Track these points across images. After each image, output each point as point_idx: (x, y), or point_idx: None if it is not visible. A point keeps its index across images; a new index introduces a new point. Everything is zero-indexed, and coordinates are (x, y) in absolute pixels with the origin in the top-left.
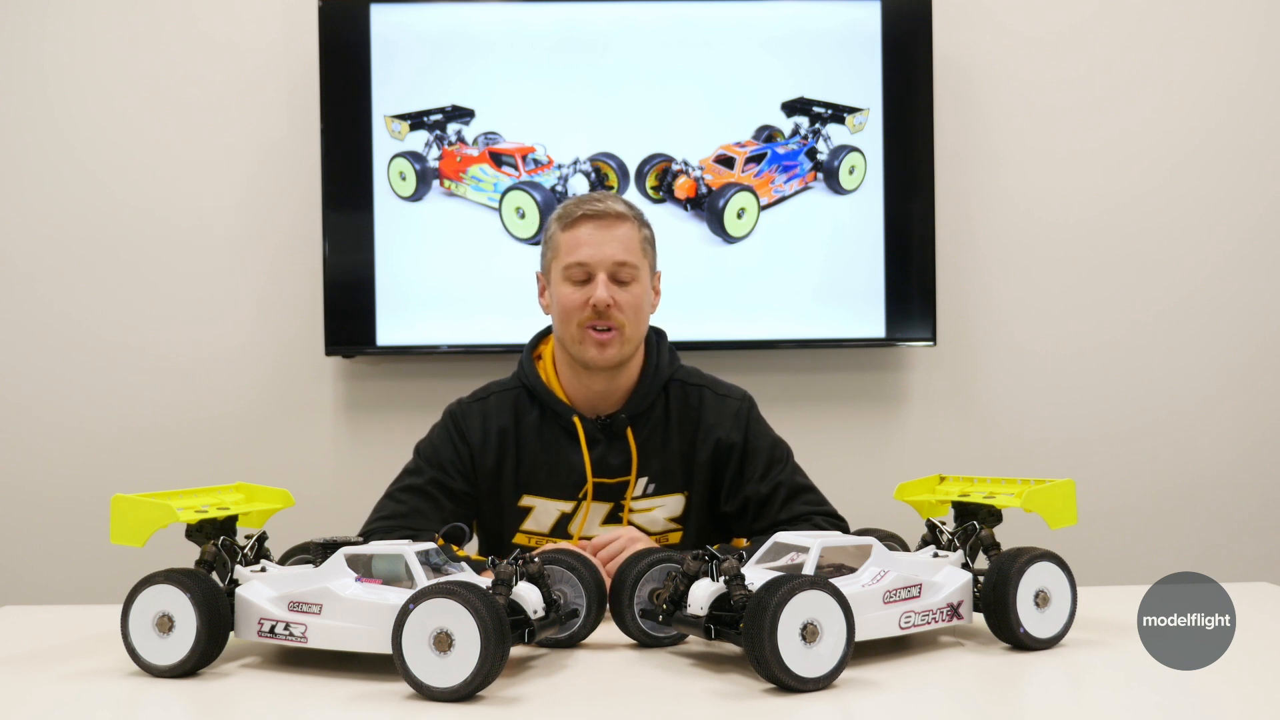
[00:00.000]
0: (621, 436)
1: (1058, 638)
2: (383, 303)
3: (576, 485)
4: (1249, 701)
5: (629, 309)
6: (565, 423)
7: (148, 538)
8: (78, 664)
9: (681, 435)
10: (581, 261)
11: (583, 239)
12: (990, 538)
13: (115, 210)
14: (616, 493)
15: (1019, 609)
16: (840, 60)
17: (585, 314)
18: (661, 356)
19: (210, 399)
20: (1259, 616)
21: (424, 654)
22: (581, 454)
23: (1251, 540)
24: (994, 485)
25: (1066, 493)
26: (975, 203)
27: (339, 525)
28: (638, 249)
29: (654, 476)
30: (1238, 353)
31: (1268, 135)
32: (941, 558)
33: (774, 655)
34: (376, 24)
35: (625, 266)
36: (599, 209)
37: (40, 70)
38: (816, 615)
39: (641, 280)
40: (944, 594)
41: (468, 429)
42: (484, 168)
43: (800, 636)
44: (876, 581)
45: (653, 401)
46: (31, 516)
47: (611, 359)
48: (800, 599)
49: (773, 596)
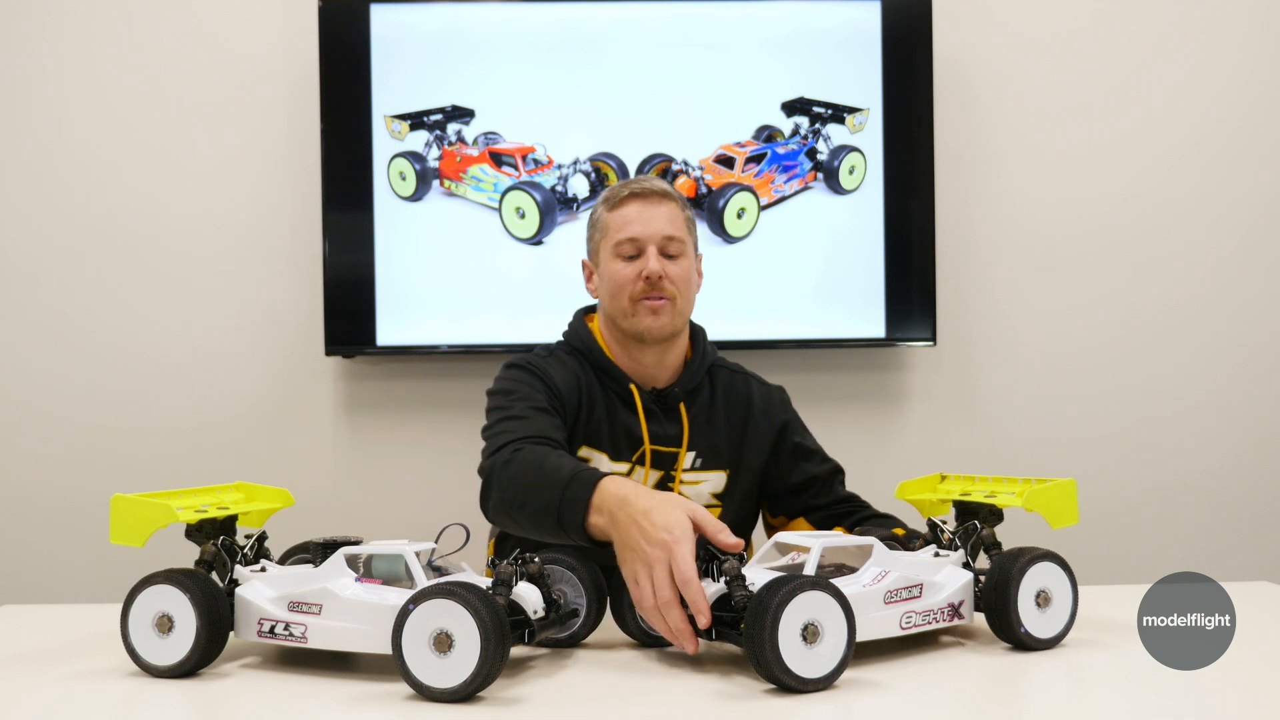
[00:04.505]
0: (673, 409)
1: (1059, 638)
2: (383, 303)
3: (632, 448)
4: (1249, 701)
5: (680, 281)
6: (621, 389)
7: (147, 538)
8: (77, 664)
9: (729, 417)
10: (632, 237)
11: (631, 216)
12: (991, 537)
13: (115, 210)
14: (668, 462)
15: (1020, 609)
16: (840, 60)
17: (638, 287)
18: (708, 343)
19: (210, 399)
20: (1259, 616)
21: (424, 654)
22: (638, 420)
23: (1251, 540)
24: (995, 484)
25: (1068, 492)
26: (975, 203)
27: (339, 525)
28: (683, 225)
29: (701, 451)
30: (1238, 352)
31: (1267, 135)
32: (942, 557)
33: (774, 656)
34: (376, 24)
35: (674, 241)
36: (645, 188)
37: (40, 71)
38: (817, 616)
39: (688, 255)
40: (945, 594)
41: (545, 373)
42: (484, 168)
43: (801, 637)
44: (877, 582)
45: (700, 382)
46: (31, 516)
47: (665, 328)
48: (801, 599)
49: (773, 597)
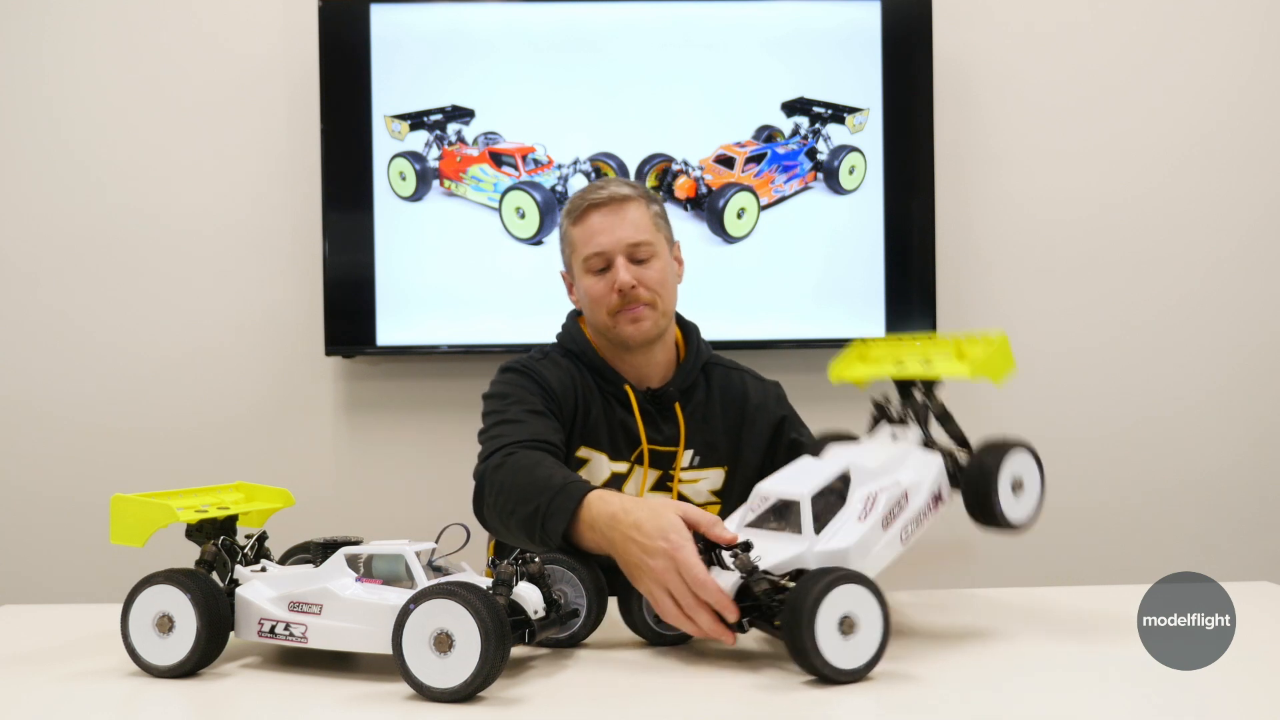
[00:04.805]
0: (669, 408)
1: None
2: (383, 303)
3: (630, 447)
4: (1249, 701)
5: (654, 284)
6: (616, 390)
7: (148, 538)
8: (77, 664)
9: (725, 414)
10: (598, 251)
11: (595, 228)
12: (942, 408)
13: (115, 210)
14: (666, 461)
15: (1000, 497)
16: (840, 60)
17: (613, 300)
18: (701, 341)
19: (210, 399)
20: (1259, 616)
21: (424, 654)
22: (634, 420)
23: (1251, 540)
24: (925, 347)
25: (1003, 348)
26: (975, 203)
27: (339, 525)
28: (650, 226)
29: (699, 449)
30: (1238, 351)
31: (1267, 135)
32: (902, 440)
33: (814, 648)
34: (376, 24)
35: (641, 246)
36: (603, 196)
37: (40, 71)
38: (854, 608)
39: (660, 255)
40: (925, 490)
41: (541, 375)
42: (484, 168)
43: (838, 629)
44: (869, 509)
45: (695, 380)
46: (31, 516)
47: (648, 332)
48: (838, 593)
49: (812, 591)
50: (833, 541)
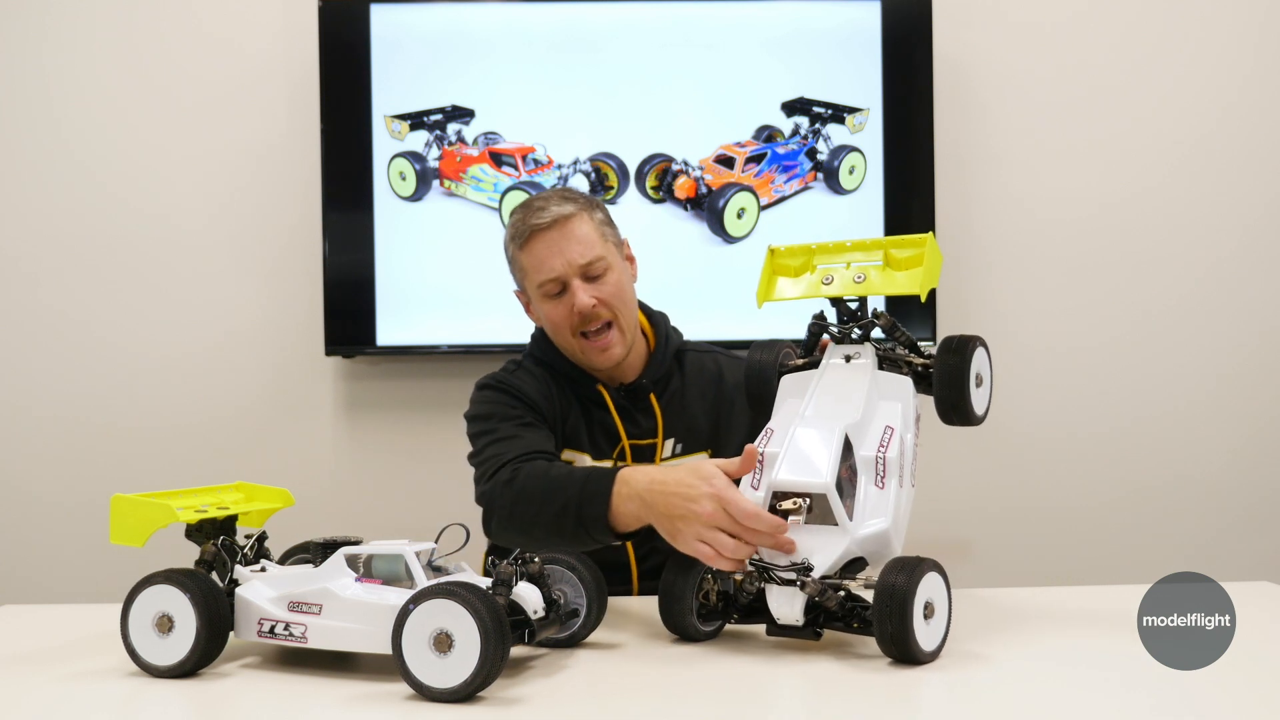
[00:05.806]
0: (645, 401)
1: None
2: (383, 303)
3: (611, 445)
4: (1249, 701)
5: (614, 299)
6: (590, 391)
7: (147, 538)
8: (77, 664)
9: (703, 398)
10: (551, 277)
11: (542, 254)
12: (891, 322)
13: (115, 210)
14: (648, 454)
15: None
16: (840, 60)
17: (574, 322)
18: (670, 328)
19: (210, 399)
20: (1259, 616)
21: (424, 654)
22: (611, 417)
23: (1251, 540)
24: (852, 251)
25: (933, 251)
26: (975, 203)
27: (339, 525)
28: (598, 239)
29: (680, 437)
30: (1238, 350)
31: (1267, 135)
32: (858, 361)
33: (909, 634)
34: (376, 24)
35: (593, 264)
36: (546, 220)
37: (40, 70)
38: (933, 595)
39: (613, 266)
40: (911, 420)
41: (518, 388)
42: (484, 168)
43: (923, 615)
44: (883, 476)
45: (668, 369)
46: (31, 516)
47: (617, 357)
48: (924, 582)
49: (904, 582)
50: (872, 525)
